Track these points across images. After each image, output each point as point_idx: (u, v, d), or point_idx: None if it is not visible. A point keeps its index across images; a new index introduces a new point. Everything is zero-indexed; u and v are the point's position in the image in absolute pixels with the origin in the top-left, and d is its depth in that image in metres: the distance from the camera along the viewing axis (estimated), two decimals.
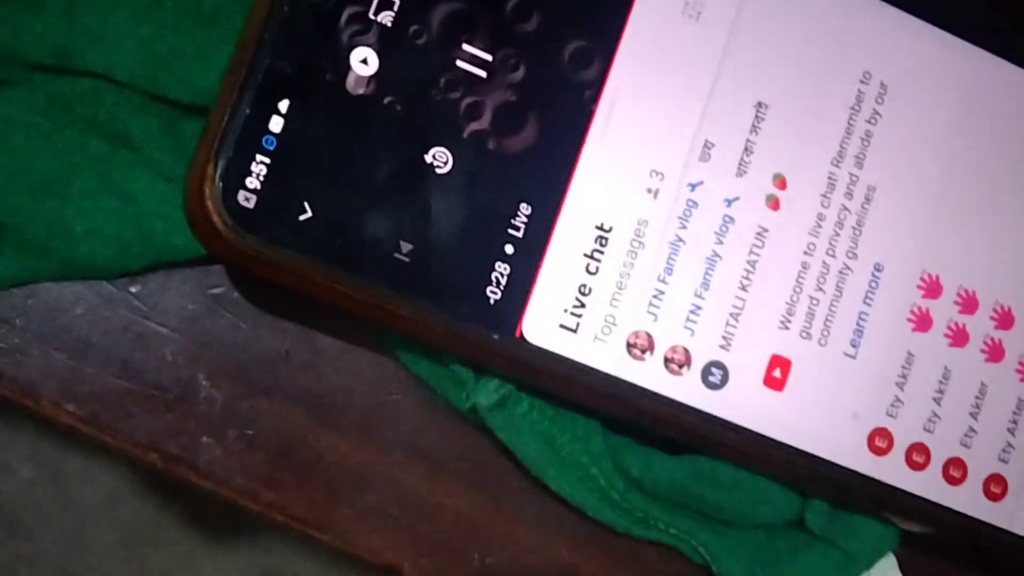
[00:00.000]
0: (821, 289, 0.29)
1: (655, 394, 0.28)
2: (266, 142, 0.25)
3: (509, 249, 0.27)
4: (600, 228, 0.27)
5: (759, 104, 0.28)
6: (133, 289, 0.29)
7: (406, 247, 0.26)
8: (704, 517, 0.30)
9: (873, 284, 0.29)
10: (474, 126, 0.27)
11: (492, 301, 0.27)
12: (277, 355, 0.30)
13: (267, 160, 0.25)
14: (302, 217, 0.26)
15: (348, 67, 0.26)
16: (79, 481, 0.95)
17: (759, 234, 0.28)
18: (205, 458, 0.30)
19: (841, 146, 0.29)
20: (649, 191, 0.28)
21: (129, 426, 0.29)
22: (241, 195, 0.25)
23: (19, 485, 0.93)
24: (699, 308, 0.28)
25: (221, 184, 0.25)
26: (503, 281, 0.27)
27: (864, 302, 0.29)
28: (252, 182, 0.25)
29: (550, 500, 0.31)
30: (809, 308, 0.28)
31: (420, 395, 0.30)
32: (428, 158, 0.26)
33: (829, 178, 0.29)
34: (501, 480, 0.31)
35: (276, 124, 0.25)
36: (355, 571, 0.95)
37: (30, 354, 0.29)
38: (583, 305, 0.27)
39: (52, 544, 0.94)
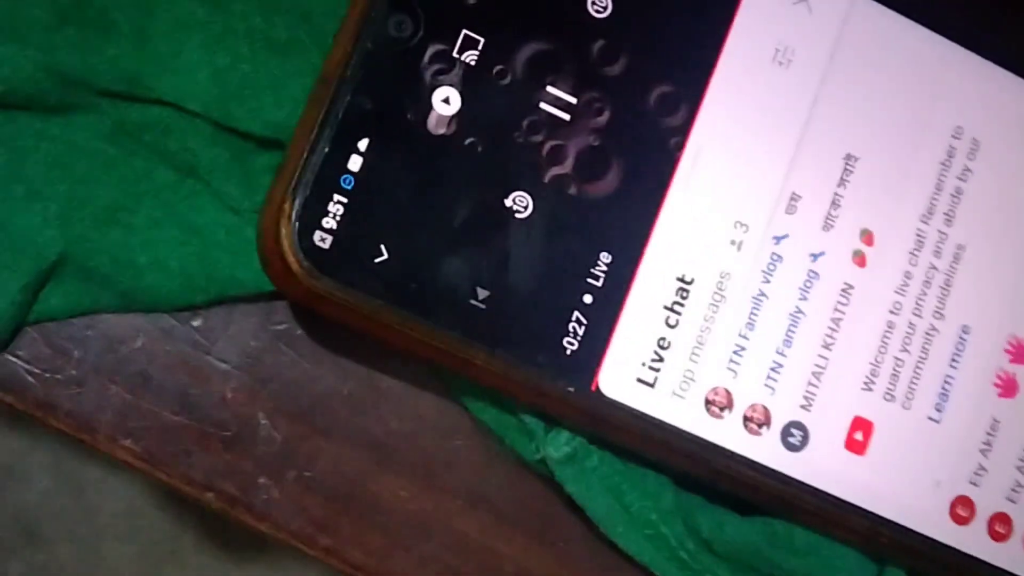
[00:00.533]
0: (906, 350, 0.28)
1: (733, 454, 0.27)
2: (344, 181, 0.25)
3: (588, 299, 0.26)
4: (681, 280, 0.27)
5: (848, 156, 0.27)
6: (195, 323, 0.29)
7: (483, 294, 0.25)
8: None
9: (960, 347, 0.28)
10: (556, 170, 0.26)
11: (569, 352, 0.26)
12: (339, 395, 0.29)
13: (344, 200, 0.24)
14: (378, 260, 0.25)
15: (430, 106, 0.25)
16: (98, 492, 0.94)
17: (844, 291, 0.27)
18: (262, 499, 0.29)
19: (931, 202, 0.28)
20: (733, 243, 0.27)
21: (185, 464, 0.28)
22: (317, 235, 0.24)
23: (38, 494, 0.92)
24: (780, 366, 0.27)
25: (297, 223, 0.24)
26: (580, 332, 0.26)
27: (950, 365, 0.28)
28: (328, 222, 0.24)
29: (613, 556, 0.30)
30: (894, 370, 0.27)
31: (483, 442, 0.29)
32: (508, 202, 0.26)
33: (918, 235, 0.28)
34: (563, 534, 0.30)
35: (355, 163, 0.25)
36: None
37: (87, 386, 0.28)
38: (662, 359, 0.26)
39: (69, 555, 0.94)
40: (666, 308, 0.27)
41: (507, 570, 0.30)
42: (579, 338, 0.26)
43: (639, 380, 0.26)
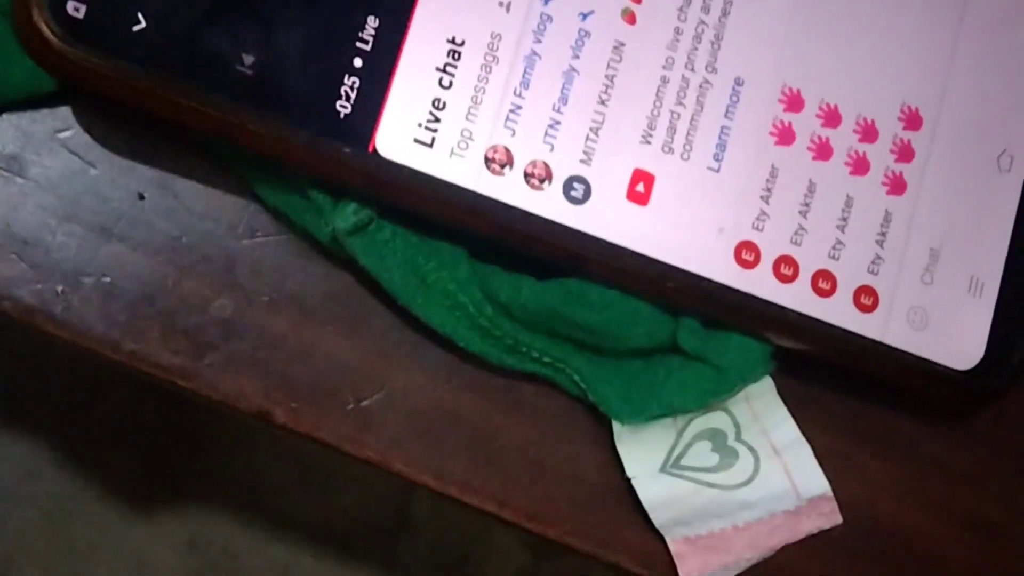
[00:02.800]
0: (682, 104, 0.28)
1: (516, 209, 0.27)
2: None
3: (358, 62, 0.26)
4: (452, 42, 0.27)
5: None
6: None
7: (248, 59, 0.26)
8: (577, 345, 0.29)
9: (734, 98, 0.29)
10: None
11: (343, 115, 0.26)
12: (132, 199, 0.29)
13: None
14: (136, 28, 0.25)
15: None
16: None
17: (616, 48, 0.28)
18: (61, 307, 0.29)
19: None
20: (501, 4, 0.27)
21: None
22: (70, 5, 0.24)
23: None
24: (558, 123, 0.27)
25: None
26: (353, 95, 0.26)
27: (726, 116, 0.29)
28: None
29: (422, 339, 0.30)
30: (670, 122, 0.28)
31: (283, 238, 0.30)
32: None
33: None
34: (371, 321, 0.30)
35: None
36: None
37: None
38: (438, 120, 0.27)
39: None
40: (438, 70, 0.27)
41: (319, 361, 0.30)
42: (352, 101, 0.26)
43: (416, 140, 0.27)
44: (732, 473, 0.30)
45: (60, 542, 0.96)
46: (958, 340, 0.29)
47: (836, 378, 0.31)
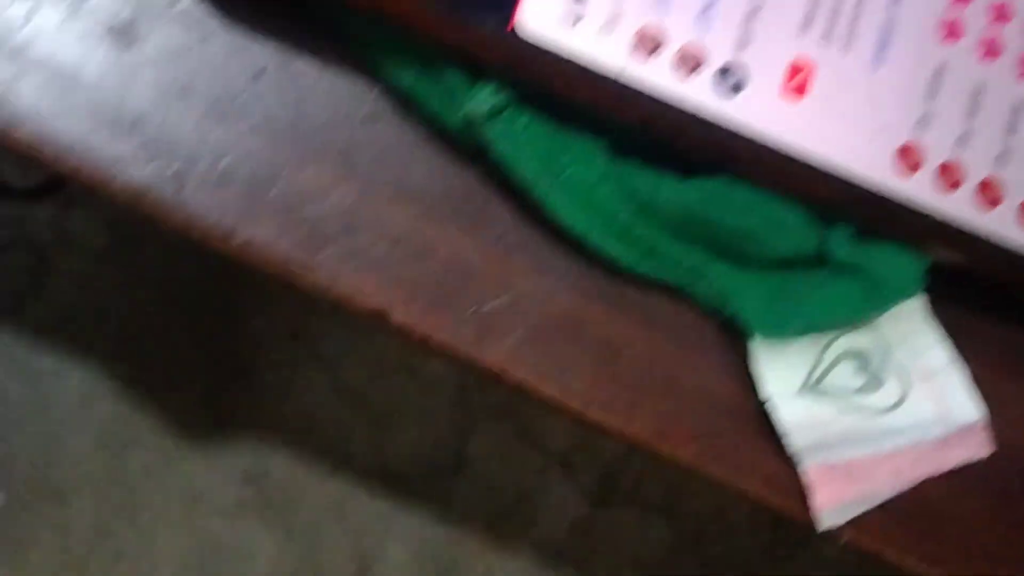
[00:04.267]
0: None
1: (665, 96, 0.25)
2: None
3: None
4: None
5: None
6: (89, 4, 0.27)
7: None
8: (717, 253, 0.27)
9: None
10: None
11: None
12: (251, 77, 0.27)
13: None
14: None
15: None
16: (53, 382, 0.92)
17: None
18: (173, 189, 0.27)
19: None
20: None
21: (89, 151, 0.27)
22: None
23: None
24: (713, 4, 0.25)
25: None
26: None
27: (892, 6, 0.26)
28: None
29: (548, 242, 0.28)
30: (833, 9, 0.26)
31: (407, 126, 0.28)
32: None
33: None
34: (496, 222, 0.28)
35: None
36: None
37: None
38: None
39: (26, 447, 0.92)
40: None
41: (441, 260, 0.28)
42: None
43: (561, 17, 0.25)
44: (878, 397, 0.28)
45: (114, 469, 0.96)
46: None
47: (993, 304, 0.29)
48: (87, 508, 0.95)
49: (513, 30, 0.24)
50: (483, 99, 0.25)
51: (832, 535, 0.28)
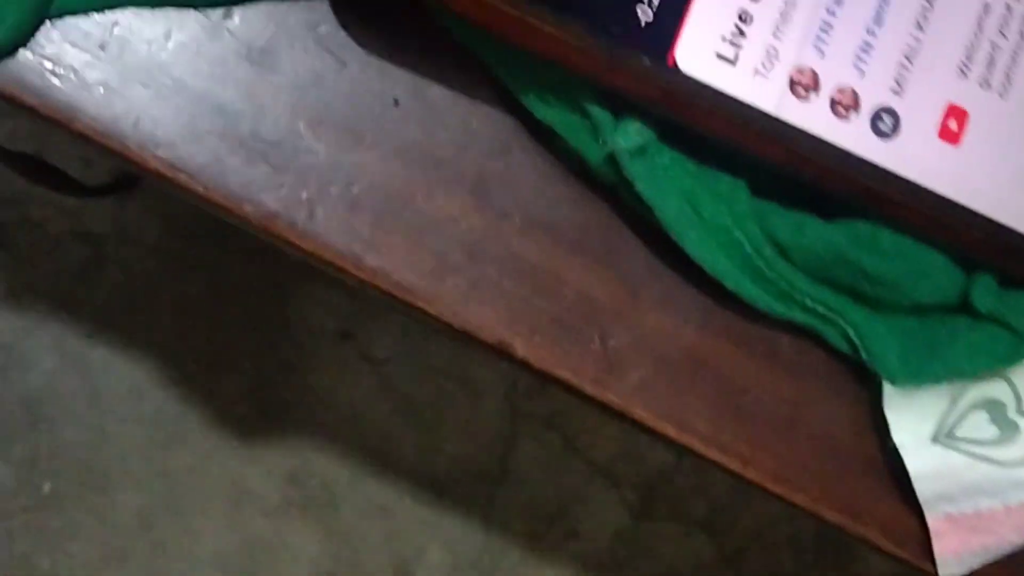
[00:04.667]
0: (1003, 35, 0.25)
1: (818, 138, 0.24)
2: None
3: None
4: None
5: None
6: (230, 23, 0.26)
7: None
8: (855, 297, 0.27)
9: None
10: None
11: (643, 22, 0.24)
12: (386, 104, 0.27)
13: None
14: None
15: None
16: (103, 373, 0.92)
17: None
18: (304, 215, 0.26)
19: None
20: None
21: (222, 175, 0.26)
22: None
23: (42, 376, 0.91)
24: (870, 45, 0.25)
25: None
26: (655, 1, 0.24)
27: None
28: None
29: (676, 279, 0.28)
30: (990, 55, 0.25)
31: (540, 158, 0.27)
32: None
33: None
34: (627, 257, 0.28)
35: None
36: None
37: (114, 90, 0.26)
38: (743, 34, 0.24)
39: (74, 437, 0.92)
40: None
41: (567, 294, 0.28)
42: (654, 7, 0.24)
43: (719, 56, 0.24)
44: (1012, 448, 0.27)
45: (159, 463, 0.96)
46: None
47: None
48: (131, 501, 0.95)
49: (672, 66, 0.23)
50: (629, 135, 0.25)
51: None
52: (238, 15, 0.26)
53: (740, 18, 0.24)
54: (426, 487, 0.98)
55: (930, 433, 0.27)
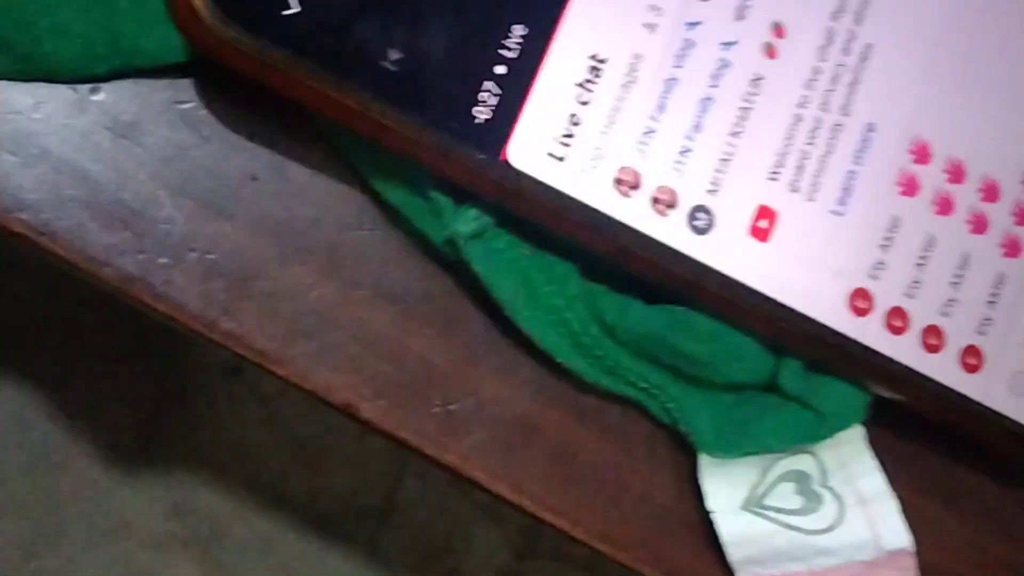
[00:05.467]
0: (812, 143, 0.28)
1: (639, 232, 0.27)
2: None
3: (500, 70, 0.26)
4: (594, 59, 0.27)
5: None
6: (96, 97, 0.28)
7: (395, 55, 0.25)
8: (675, 374, 0.29)
9: (864, 144, 0.28)
10: None
11: (479, 120, 0.26)
12: (244, 179, 0.29)
13: None
14: (288, 12, 0.24)
15: None
16: None
17: (754, 81, 0.28)
18: (161, 279, 0.28)
19: (841, 1, 0.28)
20: (646, 26, 0.27)
21: (83, 240, 0.28)
22: None
23: None
24: (689, 150, 0.27)
25: None
26: (492, 102, 0.26)
27: (854, 161, 0.28)
28: None
29: (517, 350, 0.30)
30: (799, 161, 0.28)
31: (390, 232, 0.29)
32: None
33: (827, 32, 0.28)
34: (469, 327, 0.30)
35: None
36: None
37: None
38: (572, 135, 0.26)
39: None
40: (578, 85, 0.26)
41: (411, 360, 0.29)
42: (491, 107, 0.26)
43: (549, 154, 0.26)
44: (815, 518, 0.30)
45: (42, 492, 0.96)
46: None
47: (927, 435, 0.31)
48: (11, 531, 0.94)
49: (504, 161, 0.26)
50: (467, 221, 0.27)
51: None
52: (105, 90, 0.28)
53: (570, 120, 0.26)
54: (311, 522, 0.98)
55: (741, 501, 0.30)
